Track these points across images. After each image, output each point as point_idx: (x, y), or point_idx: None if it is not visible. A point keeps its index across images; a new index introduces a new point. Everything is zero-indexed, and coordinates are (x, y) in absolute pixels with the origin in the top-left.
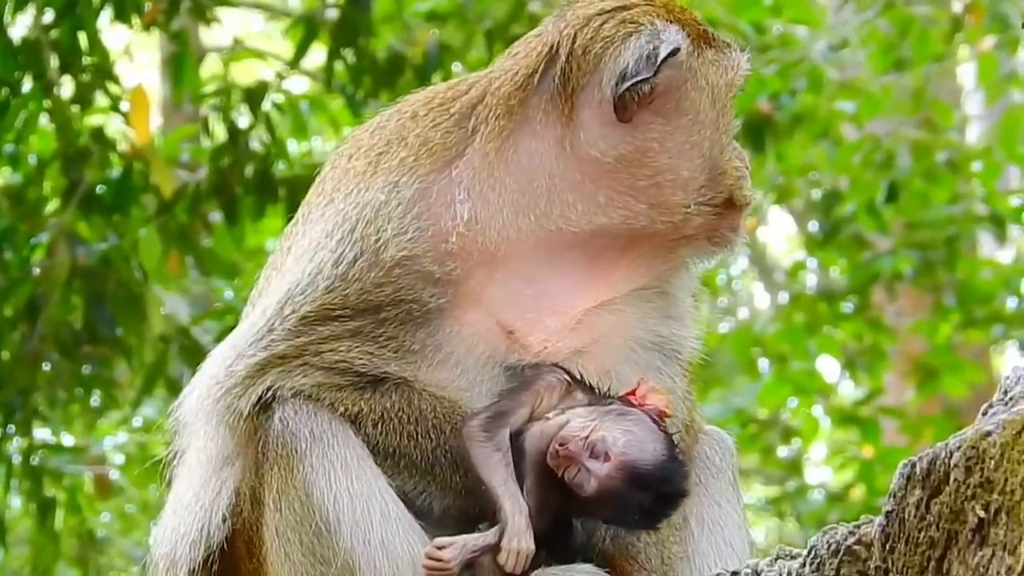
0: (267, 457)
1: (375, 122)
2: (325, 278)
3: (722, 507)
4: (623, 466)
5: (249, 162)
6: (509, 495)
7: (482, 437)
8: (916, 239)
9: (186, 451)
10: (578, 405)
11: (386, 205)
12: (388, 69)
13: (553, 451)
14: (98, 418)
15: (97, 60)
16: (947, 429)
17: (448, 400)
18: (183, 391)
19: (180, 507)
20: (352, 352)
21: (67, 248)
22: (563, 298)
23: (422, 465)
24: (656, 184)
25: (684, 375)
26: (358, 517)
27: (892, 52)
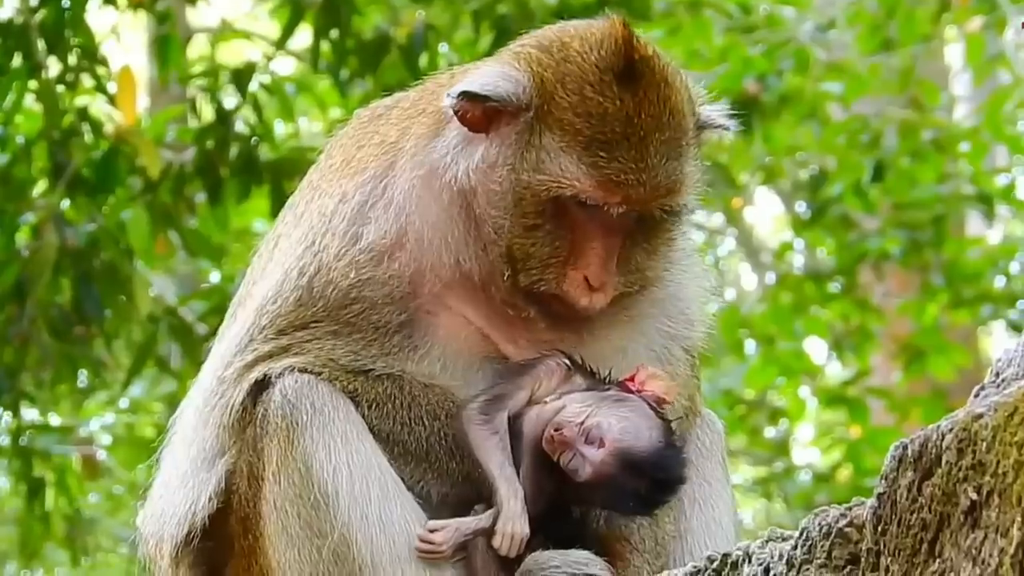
0: (267, 431)
1: (365, 113)
2: (293, 289)
3: (712, 486)
4: (618, 452)
5: (234, 143)
6: (505, 479)
7: (480, 420)
8: (903, 219)
9: (177, 434)
10: (577, 390)
11: (333, 217)
12: (374, 50)
13: (548, 436)
14: (86, 398)
15: (83, 41)
16: (934, 409)
17: (440, 387)
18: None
19: (169, 487)
20: (337, 350)
21: (55, 229)
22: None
23: (417, 452)
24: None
25: (688, 359)
26: (356, 492)
27: (879, 32)
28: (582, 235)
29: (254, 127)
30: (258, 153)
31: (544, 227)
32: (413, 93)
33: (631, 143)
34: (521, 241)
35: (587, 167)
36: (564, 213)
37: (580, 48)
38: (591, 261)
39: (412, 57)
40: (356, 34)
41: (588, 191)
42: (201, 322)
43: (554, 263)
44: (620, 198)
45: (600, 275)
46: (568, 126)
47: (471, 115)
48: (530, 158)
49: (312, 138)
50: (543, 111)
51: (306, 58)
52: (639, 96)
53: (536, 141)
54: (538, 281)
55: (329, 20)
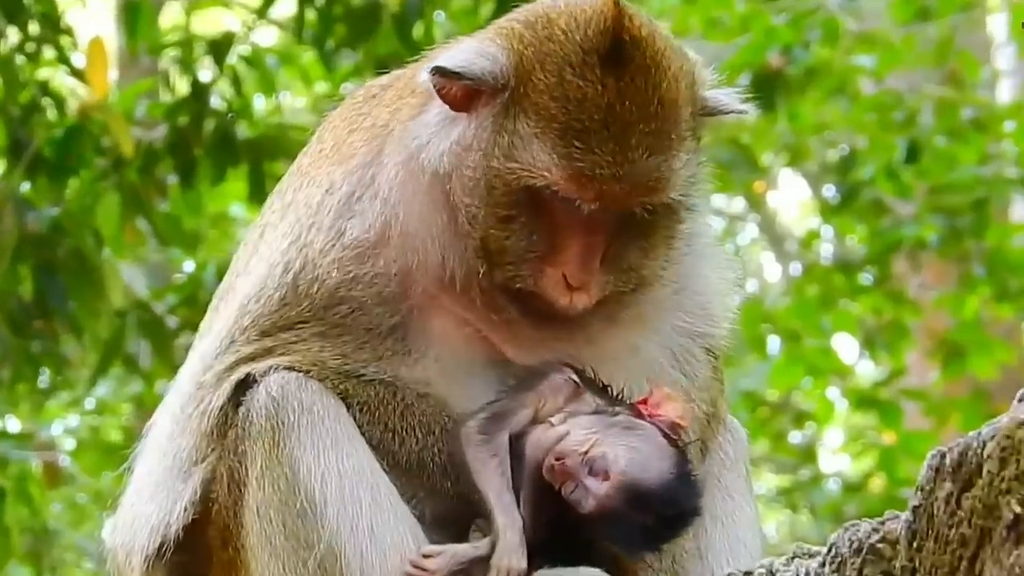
0: (250, 432)
1: (359, 93)
2: (277, 287)
3: (735, 500)
4: (623, 487)
5: (210, 119)
6: (503, 508)
7: (478, 440)
8: (941, 204)
9: (151, 442)
10: (584, 410)
11: (320, 210)
12: (363, 18)
13: (549, 465)
14: (47, 399)
15: (44, 9)
16: (975, 413)
17: (435, 398)
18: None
19: (140, 497)
20: (324, 353)
21: (15, 213)
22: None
23: (408, 466)
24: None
25: (709, 360)
26: (346, 499)
27: (915, 1)
28: (561, 230)
29: (231, 102)
30: (235, 130)
31: (519, 219)
32: (409, 71)
33: (611, 133)
34: (495, 233)
35: (559, 157)
36: (540, 205)
37: (566, 26)
38: (570, 258)
39: (405, 27)
40: (344, 1)
41: (559, 184)
42: (172, 315)
43: (531, 258)
44: (594, 194)
45: (580, 274)
46: (544, 111)
47: (452, 93)
48: (502, 143)
49: (295, 114)
50: (519, 93)
51: (289, 27)
52: (624, 82)
53: (510, 125)
54: (514, 277)
55: None
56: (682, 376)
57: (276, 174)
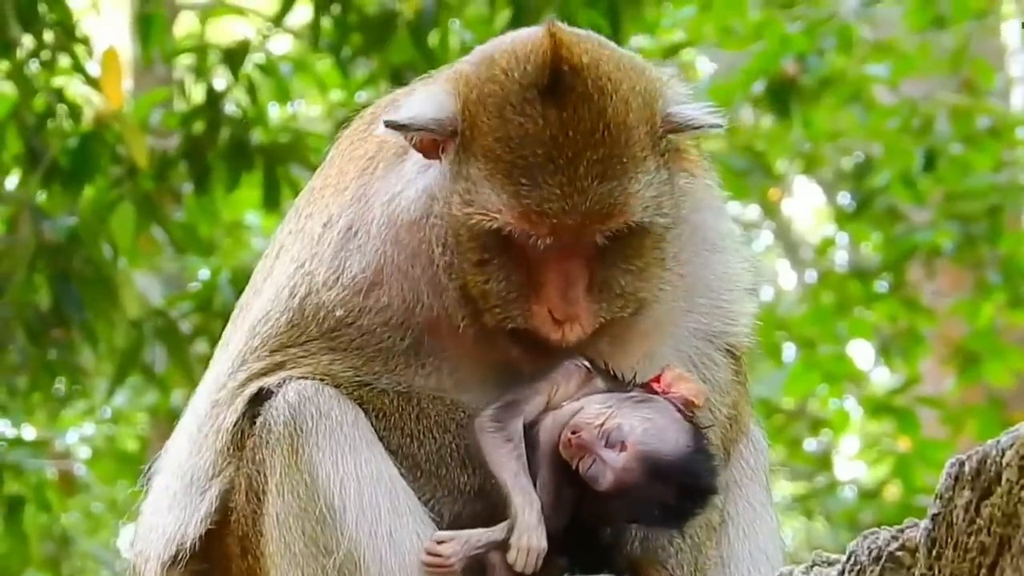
0: (268, 440)
1: (367, 113)
2: (284, 310)
3: (756, 510)
4: (641, 456)
5: (224, 127)
6: (519, 489)
7: (493, 427)
8: (956, 211)
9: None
10: (598, 391)
11: (320, 243)
12: (379, 26)
13: (565, 440)
14: (63, 408)
15: (60, 17)
16: (991, 420)
17: (449, 399)
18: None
19: (158, 509)
20: (335, 365)
21: (31, 222)
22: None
23: (427, 466)
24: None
25: (730, 360)
26: (365, 504)
27: (930, 7)
28: (535, 265)
29: (246, 111)
30: (249, 137)
31: (491, 262)
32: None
33: (557, 166)
34: (473, 279)
35: (508, 196)
36: (507, 245)
37: (507, 64)
38: (550, 293)
39: (421, 35)
40: (359, 9)
41: (511, 223)
42: (186, 320)
43: (514, 298)
44: (547, 229)
45: (564, 308)
46: (490, 152)
47: (416, 142)
48: (459, 189)
49: (310, 122)
50: (468, 136)
51: (305, 35)
52: (567, 112)
53: (464, 170)
54: (504, 319)
55: None
56: (700, 380)
57: (291, 180)
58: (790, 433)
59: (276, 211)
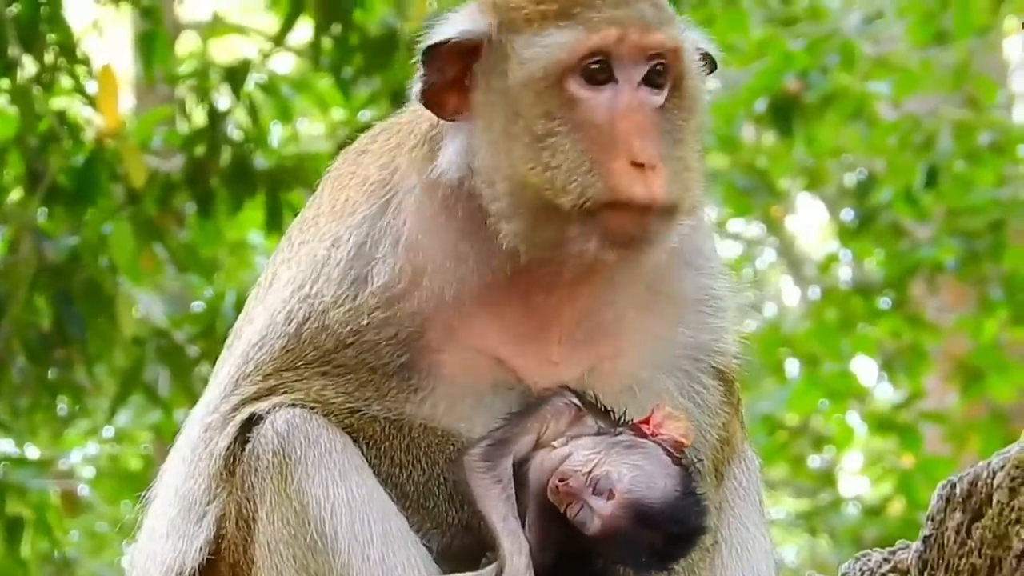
0: (257, 468)
1: (351, 149)
2: (279, 336)
3: (750, 530)
4: (628, 504)
5: (226, 148)
6: (508, 532)
7: (482, 467)
8: (959, 226)
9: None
10: (587, 433)
11: (326, 264)
12: (380, 46)
13: (553, 486)
14: (65, 427)
15: (61, 38)
16: (994, 436)
17: (441, 430)
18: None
19: (155, 537)
20: (327, 391)
21: (32, 243)
22: (536, 322)
23: (415, 497)
24: (490, 211)
25: (720, 383)
26: (357, 530)
27: (932, 24)
28: (602, 118)
29: (248, 131)
30: (252, 160)
31: (559, 130)
32: (391, 125)
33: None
34: (541, 162)
35: (572, 25)
36: (572, 104)
37: None
38: (628, 141)
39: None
40: (360, 29)
41: (585, 41)
42: (192, 344)
43: (588, 162)
44: (618, 34)
45: (645, 146)
46: (532, 13)
47: (441, 95)
48: (512, 63)
49: (311, 141)
50: (504, 24)
51: (306, 55)
52: None
53: (509, 50)
54: (584, 192)
55: (331, 13)
56: (691, 404)
57: (293, 203)
58: (793, 450)
59: (279, 234)
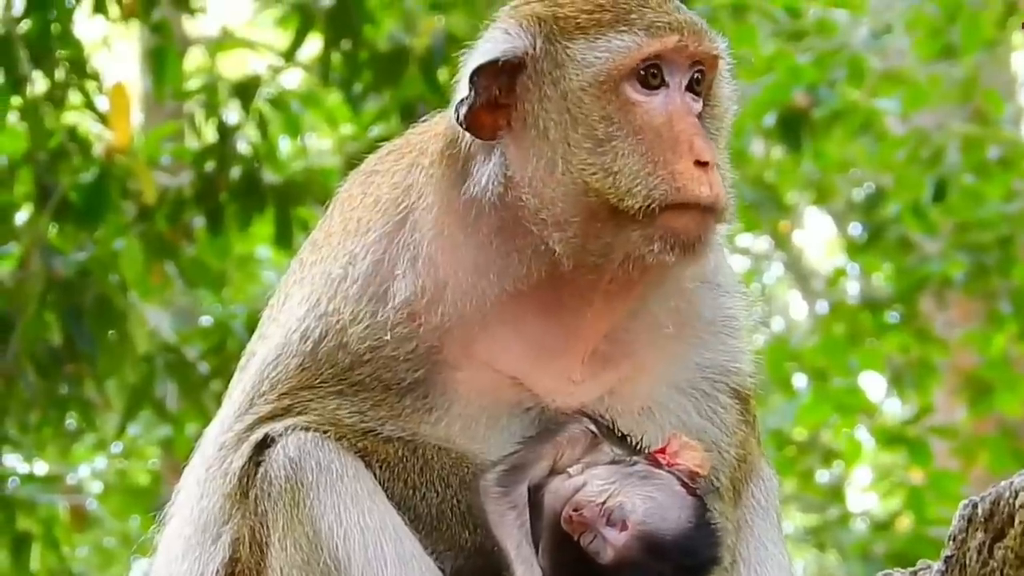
0: (269, 493)
1: (361, 170)
2: (294, 355)
3: (768, 548)
4: (642, 536)
5: (235, 165)
6: (522, 560)
7: (497, 493)
8: (967, 241)
9: (180, 504)
10: (602, 460)
11: (343, 281)
12: (389, 61)
13: (567, 516)
14: (73, 442)
15: (71, 54)
16: (1003, 451)
17: (455, 452)
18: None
19: (172, 558)
20: (341, 411)
21: (42, 259)
22: (558, 343)
23: (428, 519)
24: (536, 221)
25: (736, 402)
26: (370, 555)
27: (940, 38)
28: (660, 121)
29: (257, 147)
30: (261, 175)
31: (618, 133)
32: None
33: (649, 3)
34: (601, 166)
35: (628, 31)
36: (629, 107)
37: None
38: (689, 135)
39: (430, 71)
40: (369, 44)
41: (646, 46)
42: (203, 361)
43: (651, 164)
44: (678, 38)
45: (704, 145)
46: (586, 22)
47: (479, 116)
48: (568, 69)
49: (320, 156)
50: (553, 33)
51: (315, 70)
52: None
53: (562, 58)
54: (648, 196)
55: (340, 29)
56: (708, 423)
57: (303, 218)
58: (802, 465)
59: (288, 248)
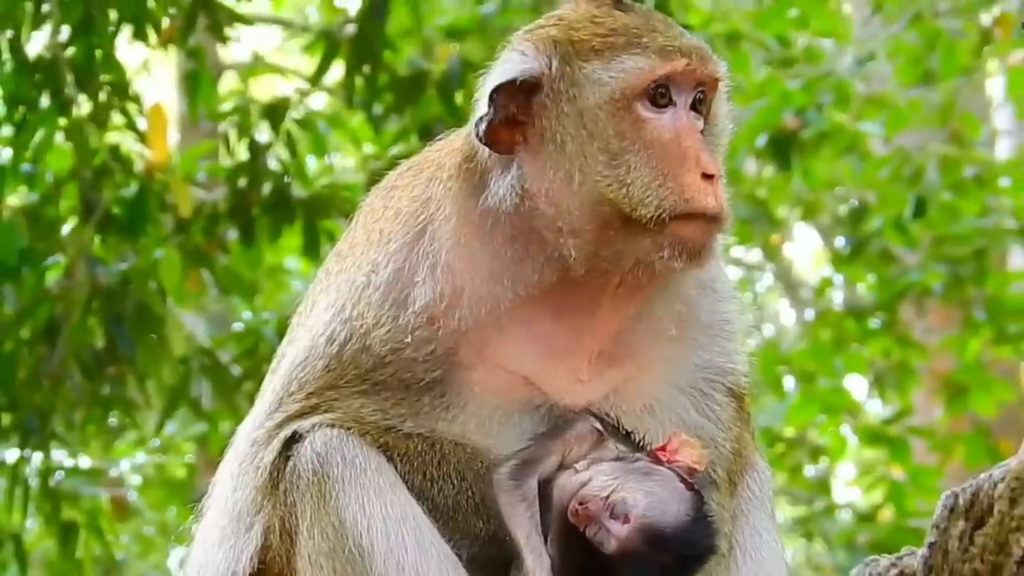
0: (298, 485)
1: (382, 185)
2: (321, 357)
3: (762, 536)
4: (643, 528)
5: (266, 181)
6: (532, 549)
7: (509, 485)
8: (945, 253)
9: (215, 497)
10: (607, 457)
11: (366, 288)
12: (409, 85)
13: (573, 509)
14: (116, 439)
15: (113, 78)
16: (977, 447)
17: (470, 447)
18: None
19: (207, 548)
20: (364, 409)
21: (86, 269)
22: (568, 344)
23: (444, 509)
24: (551, 229)
25: (731, 400)
26: (392, 543)
27: (920, 65)
28: (669, 137)
29: (286, 164)
30: (290, 191)
31: (630, 148)
32: (417, 162)
33: (657, 29)
34: (617, 172)
35: (641, 54)
36: (640, 124)
37: (562, 13)
38: (695, 150)
39: (448, 93)
40: (390, 69)
41: (658, 68)
42: (236, 364)
43: (661, 176)
44: (685, 61)
45: (710, 160)
46: (600, 45)
47: (497, 131)
48: (593, 85)
49: (345, 173)
50: (568, 55)
51: (339, 93)
52: (641, 10)
53: (579, 77)
54: (659, 207)
55: (362, 55)
56: (705, 420)
57: (329, 230)
58: (791, 460)
59: (316, 258)
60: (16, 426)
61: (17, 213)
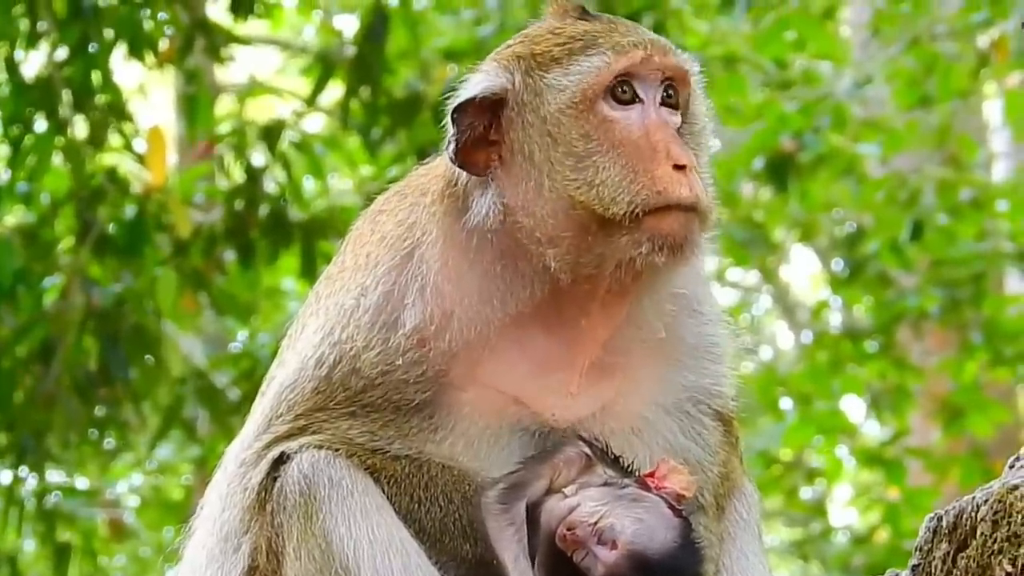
0: (285, 506)
1: (370, 210)
2: (310, 379)
3: (749, 559)
4: (630, 555)
5: (263, 203)
6: (519, 573)
7: (497, 509)
8: (942, 276)
9: (203, 518)
10: (595, 482)
11: (355, 311)
12: (405, 107)
13: (561, 535)
14: (112, 460)
15: (110, 98)
16: (973, 469)
17: (458, 469)
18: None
19: (196, 565)
20: (352, 431)
21: (81, 289)
22: (560, 357)
23: (431, 532)
24: (532, 241)
25: (719, 424)
26: (378, 566)
27: (917, 88)
28: (637, 132)
29: (283, 187)
30: (287, 213)
31: (598, 148)
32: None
33: (619, 30)
34: (584, 180)
35: (599, 52)
36: (605, 124)
37: (528, 30)
38: (665, 142)
39: (443, 115)
40: (387, 91)
41: (614, 63)
42: (234, 387)
43: (631, 172)
44: (643, 53)
45: (680, 151)
46: (558, 54)
47: (471, 154)
48: (553, 92)
49: (342, 195)
50: (531, 68)
51: (336, 115)
52: (603, 19)
53: (540, 87)
54: (632, 200)
55: (359, 77)
56: (692, 444)
57: (326, 252)
58: (788, 482)
59: (313, 281)
60: (12, 446)
61: (14, 233)
